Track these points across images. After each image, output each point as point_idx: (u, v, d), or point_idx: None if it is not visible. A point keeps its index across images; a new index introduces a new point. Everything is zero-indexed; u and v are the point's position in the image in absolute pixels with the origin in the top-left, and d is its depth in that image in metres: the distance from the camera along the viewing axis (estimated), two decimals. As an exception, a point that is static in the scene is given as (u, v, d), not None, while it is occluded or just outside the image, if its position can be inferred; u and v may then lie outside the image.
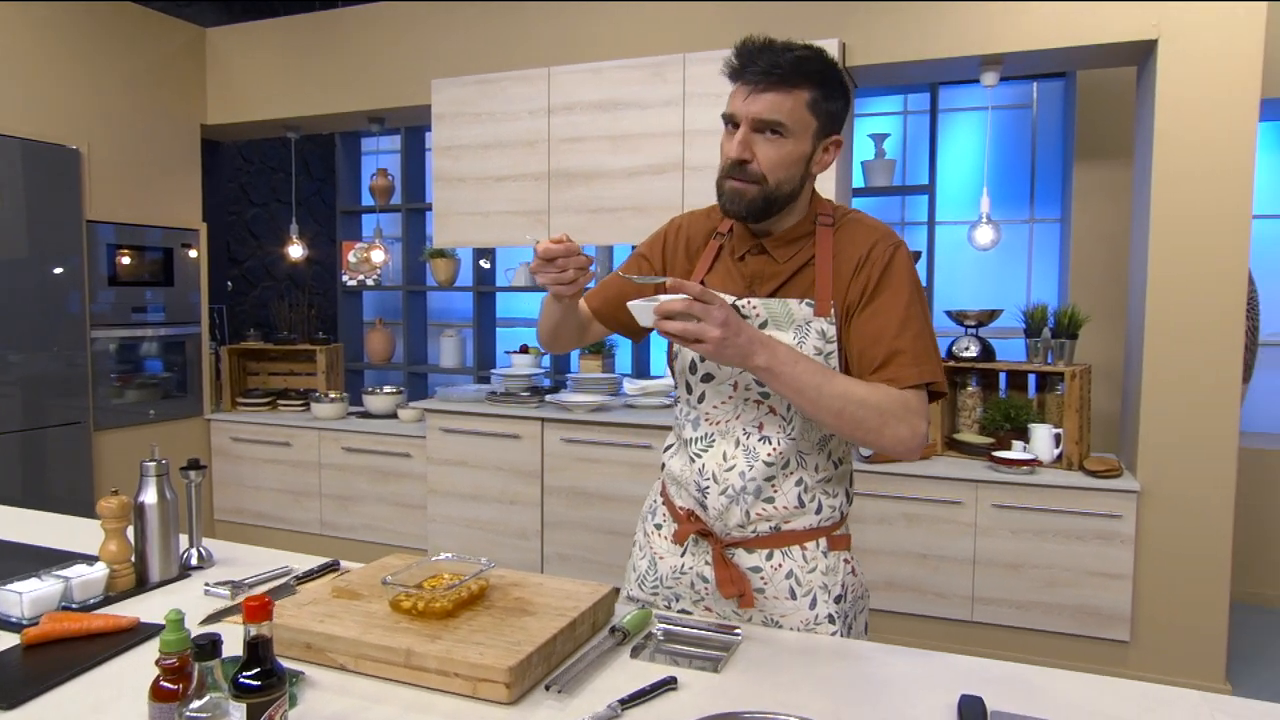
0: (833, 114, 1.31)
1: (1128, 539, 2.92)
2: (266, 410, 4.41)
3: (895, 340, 1.28)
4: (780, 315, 1.34)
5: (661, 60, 3.39)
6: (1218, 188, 2.82)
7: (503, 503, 3.68)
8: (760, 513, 1.38)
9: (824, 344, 1.33)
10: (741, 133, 1.29)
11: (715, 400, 1.40)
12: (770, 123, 1.26)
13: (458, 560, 1.43)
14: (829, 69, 1.29)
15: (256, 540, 4.28)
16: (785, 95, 1.26)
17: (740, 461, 1.38)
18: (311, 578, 1.52)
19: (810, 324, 1.33)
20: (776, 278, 1.37)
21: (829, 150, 1.33)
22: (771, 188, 1.29)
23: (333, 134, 5.37)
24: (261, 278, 5.35)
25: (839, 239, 1.35)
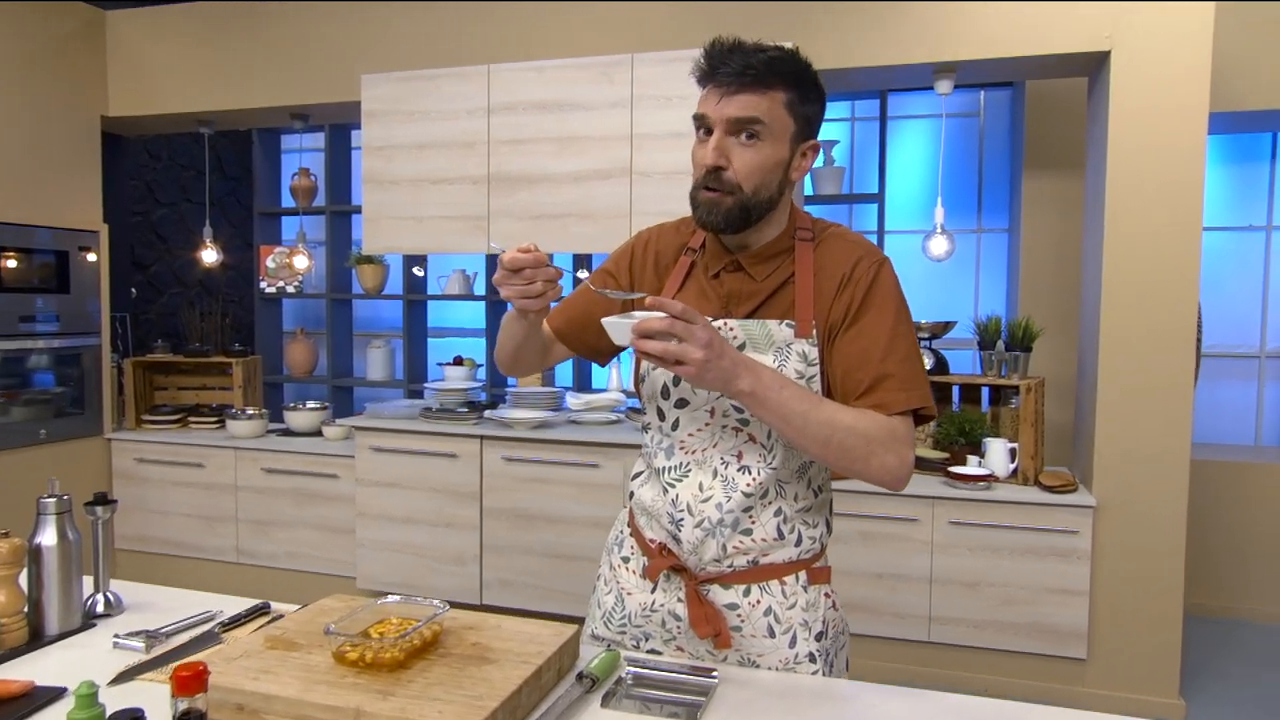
0: (809, 117, 1.28)
1: (1084, 555, 2.98)
2: (176, 428, 4.20)
3: (882, 364, 1.26)
4: (759, 337, 1.31)
5: (609, 60, 3.35)
6: (1169, 200, 2.91)
7: (438, 526, 3.57)
8: (738, 546, 1.33)
9: (805, 367, 1.30)
10: (716, 137, 1.25)
11: (691, 427, 1.36)
12: (747, 122, 1.23)
13: (406, 602, 1.35)
14: (804, 70, 1.27)
15: (165, 571, 4.06)
16: (761, 95, 1.23)
17: (718, 492, 1.33)
18: (238, 624, 1.41)
19: (791, 346, 1.30)
20: (754, 297, 1.33)
21: (807, 155, 1.30)
22: (748, 195, 1.26)
23: (250, 130, 5.16)
24: (170, 284, 5.11)
25: (820, 256, 1.33)
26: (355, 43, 3.76)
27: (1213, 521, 3.88)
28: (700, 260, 1.39)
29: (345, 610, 1.35)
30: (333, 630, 1.20)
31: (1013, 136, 4.33)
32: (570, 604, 3.41)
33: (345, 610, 1.35)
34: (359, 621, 1.28)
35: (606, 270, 1.48)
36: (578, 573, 3.40)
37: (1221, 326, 4.23)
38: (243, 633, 1.38)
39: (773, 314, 1.32)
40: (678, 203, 3.30)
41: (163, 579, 4.03)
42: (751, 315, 1.33)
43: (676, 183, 3.30)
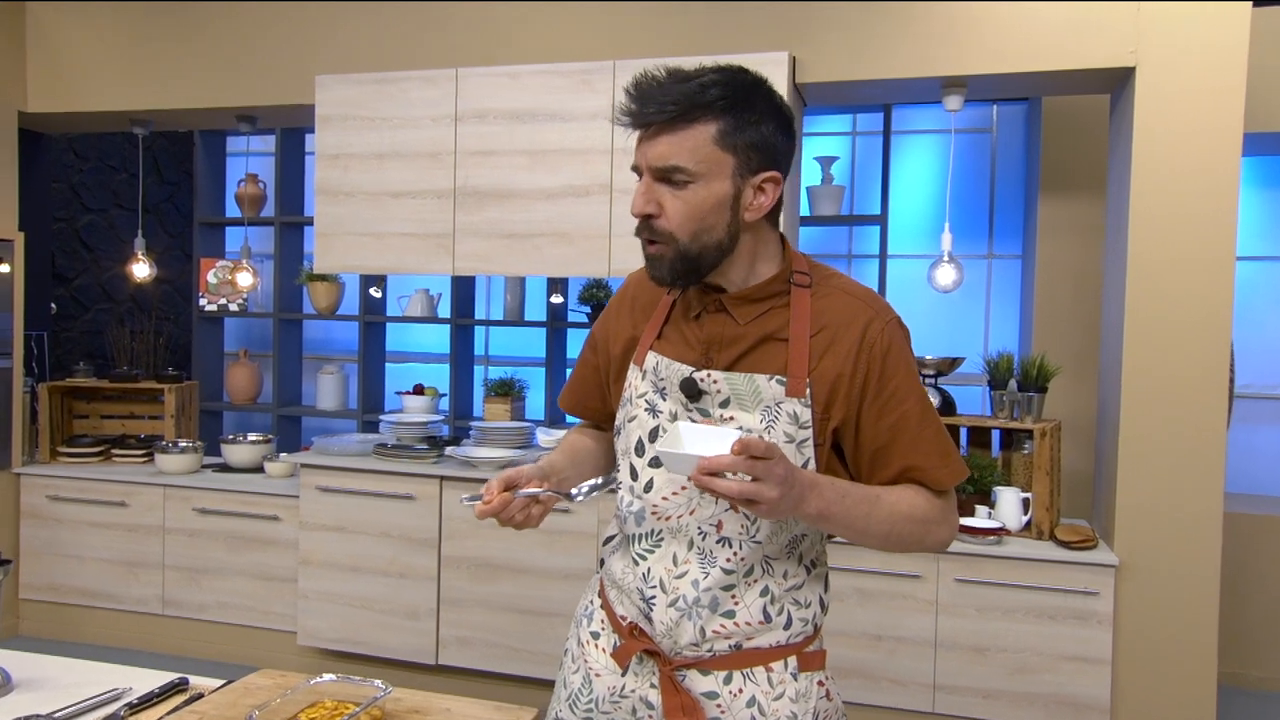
0: (756, 145, 1.23)
1: (1105, 619, 2.95)
2: (97, 462, 4.10)
3: (918, 441, 1.28)
4: (745, 393, 1.28)
5: (588, 67, 3.33)
6: (1200, 227, 2.92)
7: (391, 576, 3.49)
8: (718, 629, 1.30)
9: (796, 429, 1.27)
10: (643, 184, 1.25)
11: (665, 490, 1.31)
12: (668, 170, 1.22)
13: (344, 682, 1.29)
14: (742, 91, 1.22)
15: (78, 624, 3.94)
16: (683, 134, 1.20)
17: (694, 568, 1.29)
18: (150, 705, 1.35)
19: (780, 405, 1.27)
20: (738, 343, 1.30)
21: (765, 190, 1.26)
22: (687, 244, 1.24)
23: (191, 131, 5.11)
24: (96, 299, 5.02)
25: (820, 308, 1.30)
26: (309, 40, 3.73)
27: (1249, 581, 3.86)
28: (681, 301, 1.37)
29: (274, 690, 1.29)
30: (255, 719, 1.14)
31: (1028, 155, 4.36)
32: (536, 665, 3.34)
33: (274, 690, 1.29)
34: (289, 705, 1.23)
35: (593, 338, 1.51)
36: (546, 630, 3.33)
37: (1257, 365, 4.24)
38: (153, 716, 1.31)
39: (760, 365, 1.29)
40: (662, 222, 3.27)
41: (75, 633, 3.91)
42: (735, 364, 1.30)
43: (661, 200, 3.27)
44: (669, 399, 1.33)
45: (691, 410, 1.30)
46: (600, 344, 1.48)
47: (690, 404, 1.30)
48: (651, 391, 1.34)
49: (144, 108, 3.95)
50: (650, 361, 1.35)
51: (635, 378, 1.37)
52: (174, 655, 3.80)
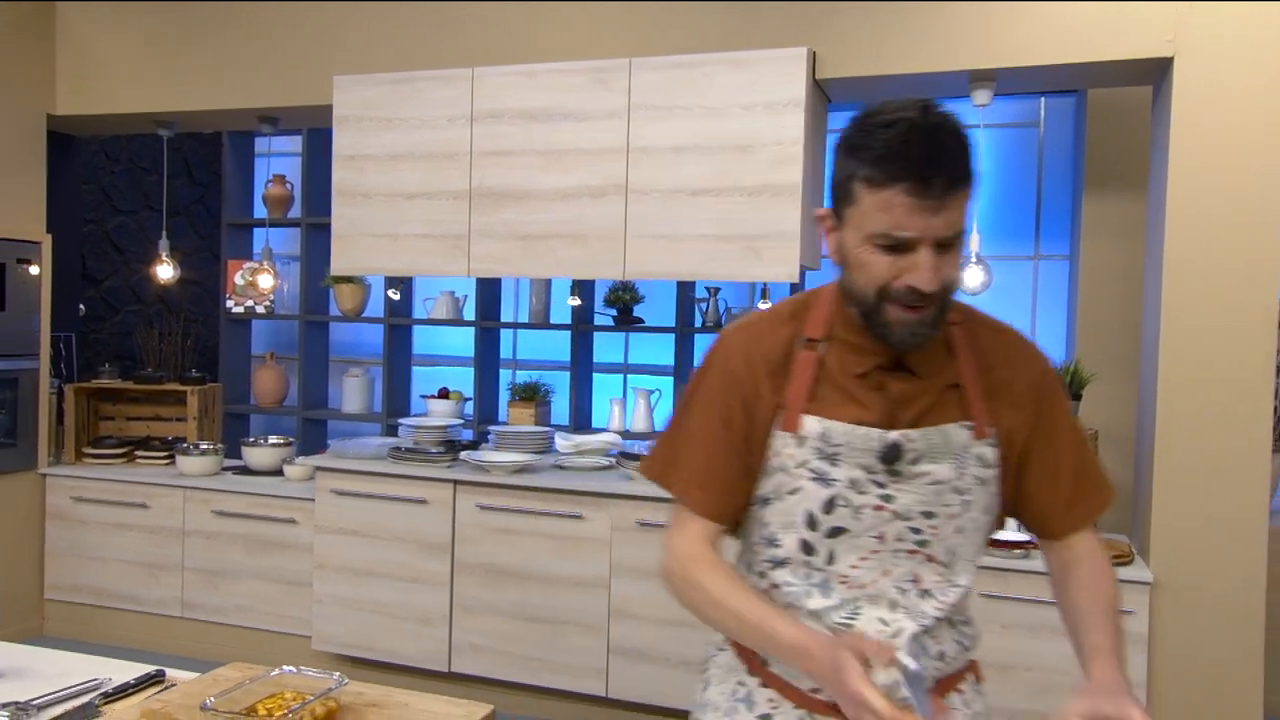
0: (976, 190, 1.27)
1: (1140, 639, 2.94)
2: (121, 463, 4.30)
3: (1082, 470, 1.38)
4: (939, 447, 1.29)
5: (604, 65, 3.42)
6: (1241, 227, 2.89)
7: (404, 581, 3.61)
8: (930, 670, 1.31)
9: (983, 469, 1.31)
10: (928, 257, 1.18)
11: (852, 558, 1.30)
12: (954, 238, 1.21)
13: (306, 675, 1.38)
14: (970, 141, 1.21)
15: (99, 625, 4.13)
16: (961, 201, 1.19)
17: (905, 623, 1.29)
18: (125, 695, 1.45)
19: (969, 450, 1.30)
20: (921, 398, 1.30)
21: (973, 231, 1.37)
22: (948, 301, 1.26)
23: (220, 132, 5.32)
24: (126, 301, 5.25)
25: (980, 346, 1.35)
26: (328, 41, 3.88)
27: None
28: (831, 356, 1.31)
29: (240, 681, 1.38)
30: (209, 706, 1.24)
31: (1076, 151, 4.33)
32: (547, 674, 3.42)
33: (240, 681, 1.38)
34: (249, 694, 1.32)
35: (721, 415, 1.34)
36: (557, 639, 3.41)
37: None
38: (126, 705, 1.42)
39: (944, 416, 1.30)
40: (677, 225, 3.35)
41: (98, 635, 4.11)
42: (920, 420, 1.29)
43: (677, 203, 3.34)
44: (843, 465, 1.28)
45: (878, 473, 1.27)
46: (738, 417, 1.33)
47: (888, 467, 1.27)
48: (816, 458, 1.29)
49: (168, 109, 4.14)
50: (813, 428, 1.29)
51: (788, 446, 1.30)
52: (192, 659, 3.96)
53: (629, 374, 5.08)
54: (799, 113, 3.21)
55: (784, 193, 3.24)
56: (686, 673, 3.25)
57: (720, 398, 1.34)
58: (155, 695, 1.42)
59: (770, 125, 3.24)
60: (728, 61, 3.29)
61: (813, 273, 3.94)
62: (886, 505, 1.27)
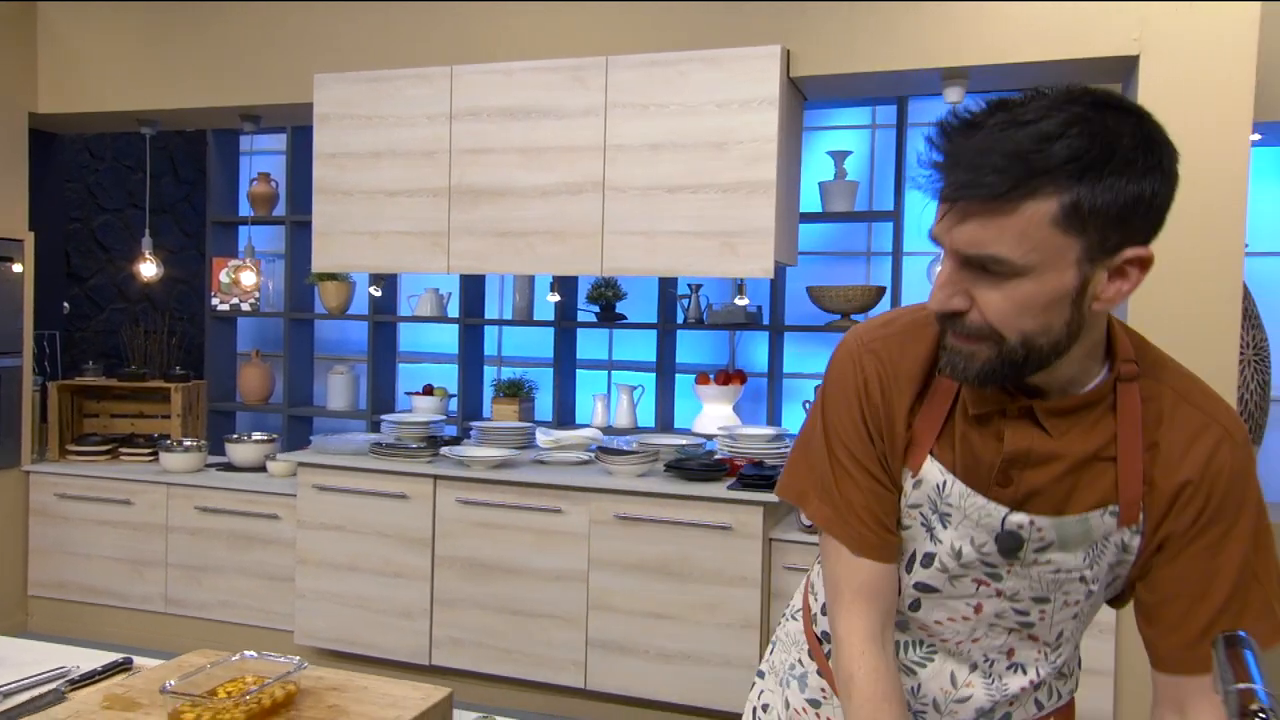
0: (1123, 215, 0.92)
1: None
2: (105, 460, 4.32)
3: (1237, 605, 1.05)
4: (1076, 536, 1.07)
5: (581, 63, 3.45)
6: (1206, 223, 2.94)
7: (385, 575, 3.64)
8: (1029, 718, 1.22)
9: (1122, 556, 1.10)
10: (946, 270, 0.98)
11: (938, 614, 1.17)
12: (982, 260, 0.94)
13: (268, 659, 1.42)
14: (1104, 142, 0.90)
15: (83, 621, 4.16)
16: (1005, 218, 0.91)
17: (979, 692, 1.17)
18: (91, 681, 1.49)
19: (1110, 538, 1.08)
20: (1051, 464, 1.05)
21: (1127, 274, 0.97)
22: (1015, 345, 0.97)
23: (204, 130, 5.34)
24: (111, 299, 5.28)
25: (1151, 414, 1.06)
26: (309, 39, 3.91)
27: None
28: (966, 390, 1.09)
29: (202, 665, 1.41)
30: (169, 688, 1.27)
31: (1051, 148, 4.37)
32: (527, 667, 3.46)
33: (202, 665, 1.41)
34: (210, 678, 1.36)
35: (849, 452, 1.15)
36: (536, 632, 3.45)
37: (1292, 368, 4.20)
38: (91, 690, 1.45)
39: (1082, 492, 1.06)
40: (654, 222, 3.38)
41: (82, 631, 4.13)
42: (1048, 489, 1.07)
43: (653, 200, 3.38)
44: (952, 528, 1.11)
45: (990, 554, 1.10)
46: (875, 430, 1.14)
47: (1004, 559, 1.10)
48: (927, 507, 1.13)
49: (149, 108, 4.17)
50: (933, 475, 1.11)
51: (907, 482, 1.14)
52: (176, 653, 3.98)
53: (613, 370, 5.12)
54: (773, 110, 3.25)
55: (759, 189, 3.28)
56: (663, 664, 3.29)
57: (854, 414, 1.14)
58: (119, 681, 1.46)
59: (745, 123, 3.28)
60: (703, 60, 3.33)
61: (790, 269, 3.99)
62: (992, 583, 1.12)
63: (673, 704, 3.32)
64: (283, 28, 3.95)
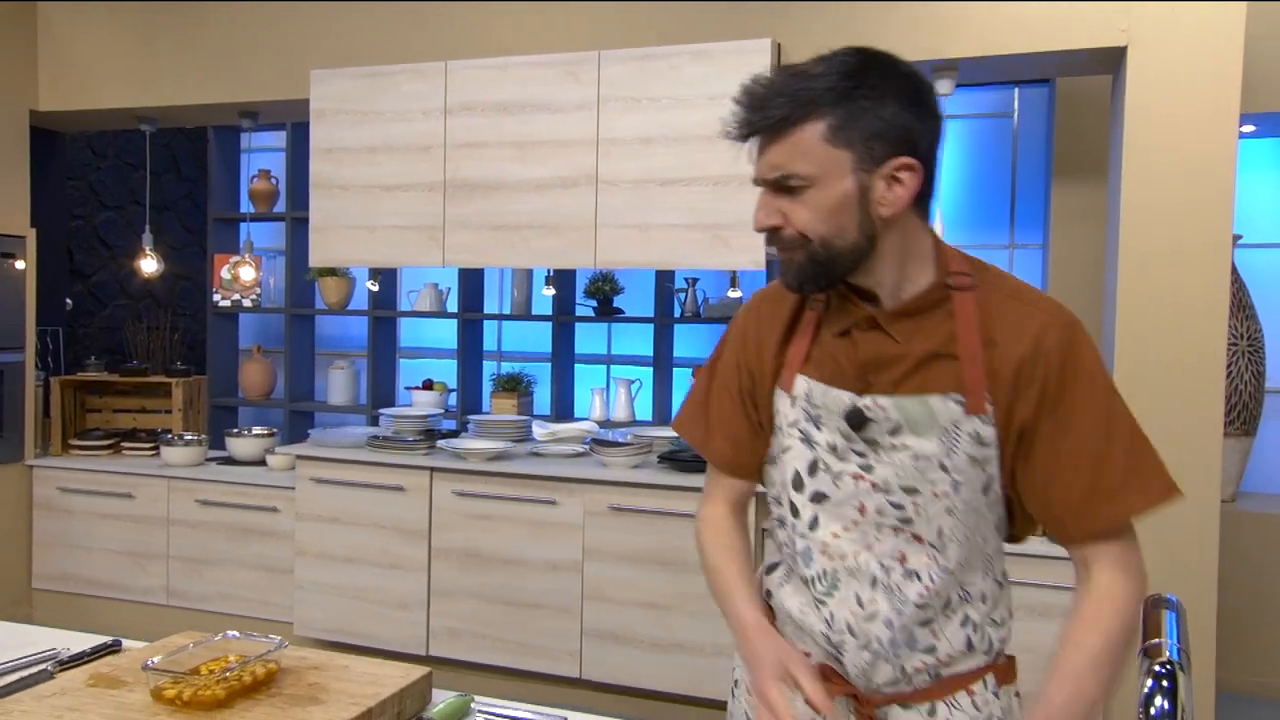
0: (879, 132, 1.15)
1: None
2: (107, 455, 4.37)
3: (1101, 465, 1.19)
4: (919, 418, 1.21)
5: (574, 58, 3.48)
6: (1195, 213, 2.95)
7: (383, 567, 3.67)
8: (920, 665, 1.27)
9: (979, 449, 1.21)
10: (759, 197, 1.23)
11: (834, 526, 1.28)
12: (781, 179, 1.18)
13: (250, 639, 1.45)
14: (850, 77, 1.15)
15: (86, 614, 4.20)
16: (790, 141, 1.16)
17: (883, 607, 1.25)
18: (80, 662, 1.52)
19: (960, 426, 1.20)
20: (899, 364, 1.22)
21: (900, 179, 1.17)
22: (818, 247, 1.19)
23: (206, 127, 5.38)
24: (114, 295, 5.32)
25: (987, 316, 1.22)
26: (305, 36, 3.94)
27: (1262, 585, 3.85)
28: (826, 316, 1.30)
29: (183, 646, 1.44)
30: (151, 666, 1.30)
31: (1048, 141, 4.38)
32: (523, 657, 3.49)
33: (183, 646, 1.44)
34: (193, 657, 1.38)
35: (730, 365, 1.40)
36: (531, 623, 3.48)
37: (1286, 358, 4.21)
38: (78, 670, 1.48)
39: (931, 386, 1.21)
40: (647, 215, 3.41)
41: (85, 623, 4.17)
42: (900, 387, 1.22)
43: (645, 193, 3.40)
44: (825, 429, 1.27)
45: (855, 441, 1.25)
46: (745, 369, 1.37)
47: (856, 434, 1.24)
48: (804, 420, 1.29)
49: (149, 105, 4.21)
50: (801, 387, 1.29)
51: (784, 405, 1.31)
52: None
53: (611, 364, 5.15)
54: (764, 103, 3.27)
55: (750, 182, 3.28)
56: (658, 654, 3.32)
57: (733, 356, 1.39)
58: (106, 661, 1.49)
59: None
60: (694, 53, 3.35)
61: (784, 262, 4.00)
62: (866, 475, 1.24)
63: (668, 693, 3.35)
64: (280, 24, 3.98)
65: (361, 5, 3.86)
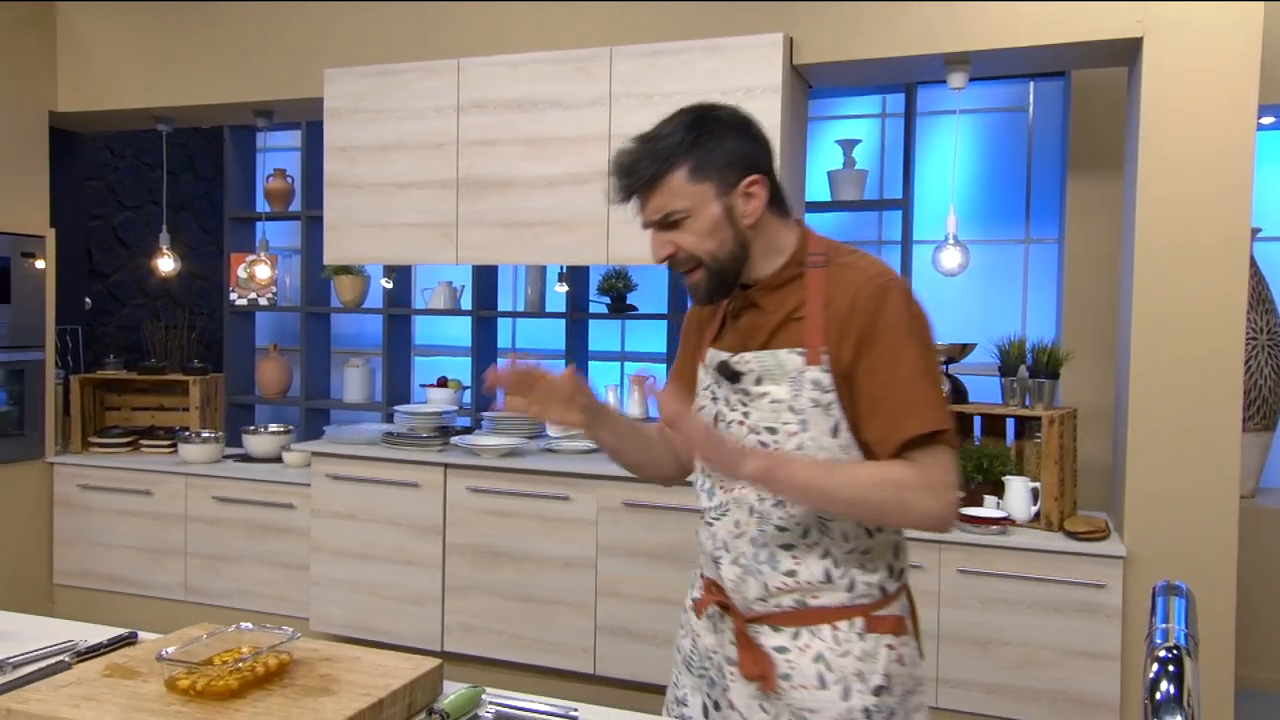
0: (729, 163, 1.45)
1: (1114, 612, 2.98)
2: (126, 452, 4.40)
3: (892, 395, 1.41)
4: (772, 368, 1.48)
5: (586, 54, 3.48)
6: (1212, 206, 2.92)
7: (398, 563, 3.69)
8: (781, 585, 1.48)
9: (821, 394, 1.45)
10: (654, 235, 1.50)
11: None
12: (665, 217, 1.46)
13: (263, 631, 1.46)
14: (692, 128, 1.45)
15: (107, 611, 4.24)
16: (660, 190, 1.45)
17: (752, 528, 1.50)
18: (97, 654, 1.53)
19: (804, 374, 1.45)
20: (765, 329, 1.51)
21: (753, 193, 1.46)
22: (709, 263, 1.47)
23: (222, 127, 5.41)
24: (133, 294, 5.37)
25: (831, 283, 1.47)
26: (319, 35, 3.96)
27: None
28: (730, 304, 1.60)
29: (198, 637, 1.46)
30: (165, 656, 1.32)
31: (1064, 134, 4.35)
32: (537, 652, 3.50)
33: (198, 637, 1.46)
34: (207, 648, 1.40)
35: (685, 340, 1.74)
36: (546, 619, 3.49)
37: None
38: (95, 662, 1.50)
39: (783, 343, 1.48)
40: (659, 209, 3.40)
41: (104, 618, 4.19)
42: (763, 345, 1.50)
43: (658, 187, 3.40)
44: (723, 386, 1.55)
45: (735, 392, 1.52)
46: (688, 348, 1.71)
47: (733, 385, 1.52)
48: (711, 382, 1.58)
49: (166, 104, 4.24)
50: (710, 357, 1.59)
51: (701, 373, 1.62)
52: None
53: (625, 361, 5.15)
54: (776, 98, 3.26)
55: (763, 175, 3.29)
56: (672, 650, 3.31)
57: (683, 340, 1.73)
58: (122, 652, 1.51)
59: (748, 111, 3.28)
60: (706, 49, 3.34)
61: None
62: (744, 420, 1.50)
63: (681, 689, 3.35)
64: (294, 24, 4.00)
65: (374, 4, 3.88)
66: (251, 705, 1.27)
